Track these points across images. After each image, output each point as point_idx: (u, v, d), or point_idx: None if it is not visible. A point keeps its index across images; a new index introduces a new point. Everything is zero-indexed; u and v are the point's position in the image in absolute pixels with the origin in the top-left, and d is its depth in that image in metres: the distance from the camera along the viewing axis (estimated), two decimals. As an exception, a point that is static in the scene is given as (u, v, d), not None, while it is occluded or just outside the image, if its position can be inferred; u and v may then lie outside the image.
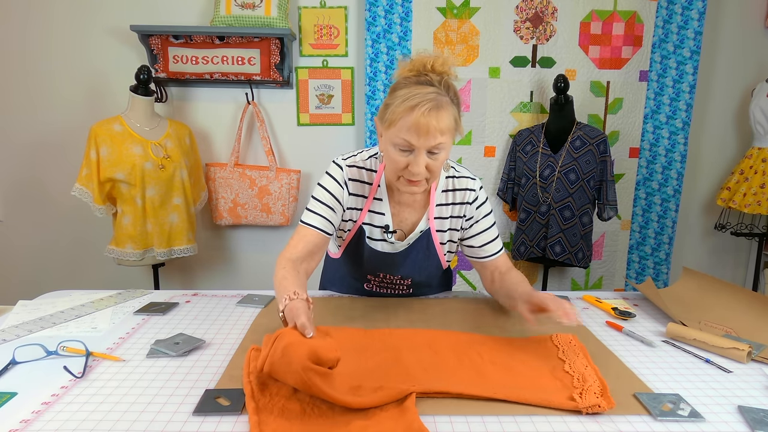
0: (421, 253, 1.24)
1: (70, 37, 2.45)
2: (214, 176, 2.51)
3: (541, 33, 2.45)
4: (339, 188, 1.17)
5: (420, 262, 1.26)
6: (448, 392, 0.86)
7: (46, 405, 0.82)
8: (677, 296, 1.35)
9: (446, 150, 1.04)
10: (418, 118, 0.97)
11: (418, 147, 1.01)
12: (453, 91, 1.03)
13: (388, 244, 1.24)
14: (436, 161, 1.04)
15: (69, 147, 2.51)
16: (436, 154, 1.03)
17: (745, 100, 2.60)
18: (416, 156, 1.02)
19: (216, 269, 2.73)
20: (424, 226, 1.22)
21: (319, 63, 2.53)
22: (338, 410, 0.80)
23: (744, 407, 0.85)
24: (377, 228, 1.23)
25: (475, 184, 1.23)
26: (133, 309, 1.27)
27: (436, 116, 0.98)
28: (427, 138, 0.99)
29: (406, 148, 1.02)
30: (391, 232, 1.22)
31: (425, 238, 1.22)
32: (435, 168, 1.05)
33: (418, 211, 1.23)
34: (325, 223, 1.16)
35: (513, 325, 1.20)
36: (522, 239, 2.42)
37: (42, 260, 2.66)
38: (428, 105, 0.97)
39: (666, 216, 2.60)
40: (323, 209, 1.16)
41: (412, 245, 1.23)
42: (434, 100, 0.98)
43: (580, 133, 2.27)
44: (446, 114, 0.99)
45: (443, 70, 1.03)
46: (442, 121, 0.99)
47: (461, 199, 1.22)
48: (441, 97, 0.99)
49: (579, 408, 0.82)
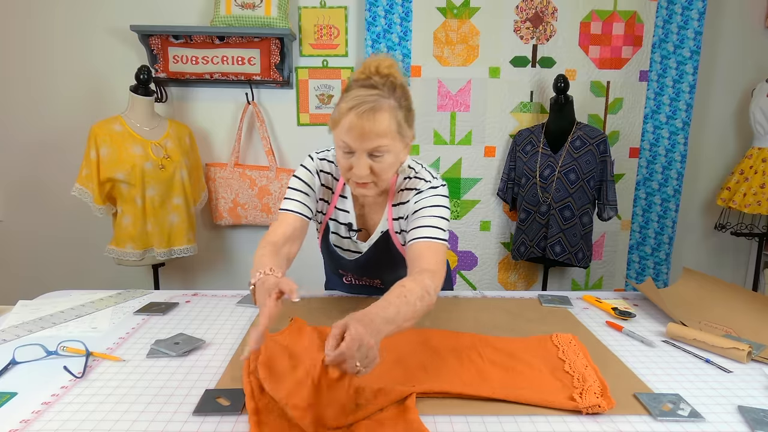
0: (384, 254, 1.22)
1: (70, 37, 2.45)
2: (214, 176, 2.51)
3: (541, 33, 2.45)
4: (310, 176, 1.20)
5: (385, 264, 1.24)
6: (448, 392, 0.86)
7: (46, 405, 0.82)
8: (677, 296, 1.35)
9: (392, 153, 1.02)
10: (354, 120, 0.96)
11: (357, 149, 1.00)
12: (400, 93, 1.02)
13: (353, 243, 1.25)
14: (381, 164, 1.01)
15: (69, 147, 2.51)
16: (378, 156, 1.01)
17: (745, 100, 2.60)
18: (357, 158, 1.01)
19: (216, 269, 2.73)
20: (384, 227, 1.21)
21: (319, 63, 2.53)
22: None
23: (744, 407, 0.85)
24: (342, 225, 1.24)
25: (424, 185, 1.14)
26: (133, 309, 1.27)
27: (372, 118, 0.96)
28: (363, 140, 0.98)
29: (348, 149, 1.01)
30: (355, 230, 1.22)
31: (385, 240, 1.20)
32: (380, 171, 1.02)
33: (379, 212, 1.22)
34: (301, 207, 1.18)
35: (513, 325, 1.20)
36: (522, 239, 2.42)
37: (42, 260, 2.66)
38: (364, 107, 0.96)
39: (666, 216, 2.60)
40: (298, 194, 1.18)
41: (373, 247, 1.22)
42: (372, 103, 0.96)
43: (580, 133, 2.27)
44: (384, 116, 0.97)
45: (389, 72, 1.01)
46: (379, 123, 0.97)
47: (406, 198, 1.16)
48: (382, 99, 0.98)
49: (579, 408, 0.82)
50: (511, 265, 2.66)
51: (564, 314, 1.28)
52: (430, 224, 1.07)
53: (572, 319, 1.25)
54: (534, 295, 1.42)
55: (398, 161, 1.06)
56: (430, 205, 1.10)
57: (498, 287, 2.68)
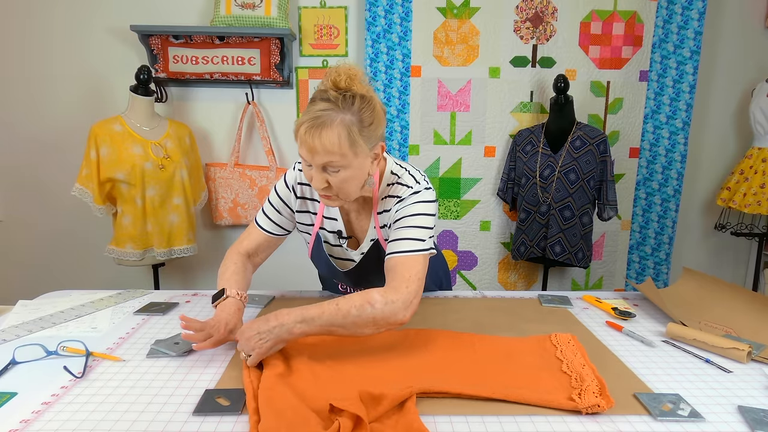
0: (376, 263, 1.19)
1: (70, 37, 2.45)
2: (214, 176, 2.52)
3: (541, 33, 2.45)
4: (287, 191, 1.21)
5: (378, 272, 1.20)
6: (447, 392, 0.86)
7: (46, 405, 0.83)
8: (677, 296, 1.35)
9: (348, 169, 1.00)
10: (303, 136, 0.96)
11: (312, 163, 1.00)
12: (361, 106, 0.98)
13: (344, 251, 1.23)
14: (336, 179, 1.00)
15: (69, 147, 2.51)
16: (335, 171, 0.99)
17: (745, 100, 2.60)
18: (314, 171, 1.01)
19: (216, 269, 2.71)
20: (373, 236, 1.19)
21: (319, 63, 2.53)
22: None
23: (744, 407, 0.85)
24: (331, 234, 1.22)
25: (405, 191, 1.10)
26: (133, 309, 1.27)
27: (317, 135, 0.95)
28: (313, 156, 0.97)
29: (306, 162, 1.02)
30: (345, 238, 1.21)
31: (375, 249, 1.19)
32: (337, 185, 1.01)
33: (366, 219, 1.20)
34: (272, 225, 1.24)
35: (513, 325, 1.20)
36: (522, 239, 2.42)
37: (42, 260, 2.66)
38: (310, 123, 0.95)
39: (666, 216, 2.60)
40: (271, 211, 1.23)
41: (365, 257, 1.20)
42: (318, 119, 0.95)
43: (580, 133, 2.27)
44: (332, 133, 0.95)
45: (346, 85, 0.98)
46: (326, 140, 0.95)
47: (389, 206, 1.14)
48: (334, 114, 0.95)
49: (579, 408, 0.82)
50: (511, 265, 2.66)
51: (564, 314, 1.28)
52: (407, 236, 1.05)
53: (572, 319, 1.25)
54: (534, 295, 1.42)
55: (361, 175, 1.03)
56: (410, 214, 1.07)
57: (498, 287, 2.68)
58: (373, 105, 1.01)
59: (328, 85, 0.99)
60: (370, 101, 1.00)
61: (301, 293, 1.42)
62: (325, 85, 1.00)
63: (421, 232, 1.06)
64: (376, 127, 1.02)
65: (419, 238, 1.05)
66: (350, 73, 0.99)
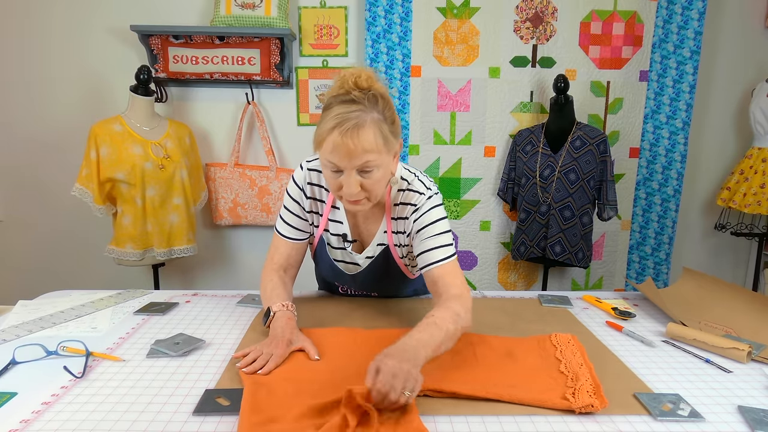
0: (383, 269, 1.20)
1: (69, 37, 2.45)
2: (214, 176, 2.52)
3: (541, 33, 2.45)
4: (298, 192, 1.19)
5: (383, 277, 1.23)
6: (442, 391, 0.86)
7: (46, 405, 0.82)
8: (677, 296, 1.35)
9: (381, 168, 1.00)
10: (338, 140, 0.94)
11: (345, 168, 0.97)
12: (383, 104, 0.99)
13: (347, 254, 1.22)
14: (370, 180, 1.00)
15: (69, 147, 2.51)
16: (368, 172, 0.99)
17: (745, 100, 2.60)
18: (347, 177, 0.98)
19: (216, 269, 2.73)
20: (381, 240, 1.18)
21: (319, 63, 2.53)
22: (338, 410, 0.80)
23: (744, 407, 0.85)
24: (335, 236, 1.21)
25: (420, 199, 1.12)
26: (133, 309, 1.27)
27: (356, 136, 0.94)
28: (351, 159, 0.95)
29: (335, 169, 0.99)
30: (349, 241, 1.20)
31: (384, 254, 1.18)
32: (371, 186, 1.01)
33: (375, 223, 1.19)
34: (294, 231, 1.21)
35: (513, 325, 1.20)
36: (522, 239, 2.42)
37: (42, 260, 2.66)
38: (347, 125, 0.93)
39: (666, 216, 2.60)
40: (289, 216, 1.20)
41: (372, 262, 1.20)
42: (354, 119, 0.94)
43: (580, 133, 2.27)
44: (368, 132, 0.95)
45: (368, 84, 0.98)
46: (364, 140, 0.94)
47: (405, 214, 1.14)
48: (364, 114, 0.95)
49: (572, 407, 0.81)
50: (511, 265, 2.66)
51: (564, 314, 1.28)
52: (438, 244, 1.08)
53: (572, 319, 1.25)
54: (534, 295, 1.42)
55: (389, 173, 1.05)
56: (431, 222, 1.10)
57: (498, 287, 2.68)
58: (391, 103, 1.03)
59: (349, 87, 0.98)
60: (389, 100, 1.02)
61: (301, 293, 1.42)
62: (344, 88, 0.98)
63: (446, 237, 1.10)
64: (398, 125, 1.04)
65: (448, 243, 1.10)
66: (368, 73, 1.00)
